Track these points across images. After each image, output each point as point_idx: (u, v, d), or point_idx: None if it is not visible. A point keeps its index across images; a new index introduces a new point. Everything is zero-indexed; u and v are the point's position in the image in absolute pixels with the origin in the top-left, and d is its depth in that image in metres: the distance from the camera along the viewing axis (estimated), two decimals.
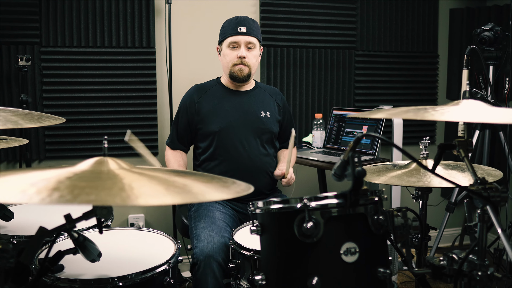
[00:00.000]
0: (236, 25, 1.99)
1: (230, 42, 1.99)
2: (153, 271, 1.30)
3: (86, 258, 1.20)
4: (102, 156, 0.96)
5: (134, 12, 2.63)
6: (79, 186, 0.72)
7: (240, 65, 2.00)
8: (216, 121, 2.00)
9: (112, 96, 2.66)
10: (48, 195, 0.66)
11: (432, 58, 3.22)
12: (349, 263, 0.99)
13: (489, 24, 2.34)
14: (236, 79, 2.03)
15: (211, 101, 2.06)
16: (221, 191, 0.87)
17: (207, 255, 1.59)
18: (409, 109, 1.07)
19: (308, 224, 0.97)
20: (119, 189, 0.77)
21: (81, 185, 0.72)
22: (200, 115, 2.04)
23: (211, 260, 1.59)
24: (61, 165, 1.22)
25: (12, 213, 1.58)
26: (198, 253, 1.62)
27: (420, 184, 1.40)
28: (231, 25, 2.02)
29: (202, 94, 2.08)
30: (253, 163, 1.98)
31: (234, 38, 1.98)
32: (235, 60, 1.99)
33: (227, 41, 2.01)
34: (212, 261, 1.59)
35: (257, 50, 2.06)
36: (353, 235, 1.00)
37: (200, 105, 2.05)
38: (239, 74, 2.00)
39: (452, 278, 1.03)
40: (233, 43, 1.99)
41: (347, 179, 1.00)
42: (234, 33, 1.98)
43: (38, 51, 2.52)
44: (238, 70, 2.00)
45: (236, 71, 2.00)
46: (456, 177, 1.46)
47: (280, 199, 1.07)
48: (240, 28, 1.98)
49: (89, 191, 0.70)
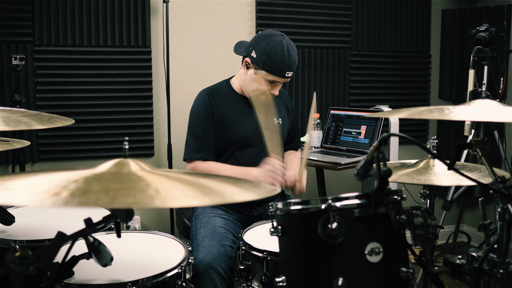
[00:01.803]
0: (286, 68, 1.82)
1: (272, 79, 1.85)
2: (165, 274, 1.28)
3: (98, 262, 1.17)
4: (123, 158, 0.93)
5: (130, 11, 2.59)
6: (112, 188, 0.70)
7: (265, 96, 1.88)
8: (235, 131, 1.91)
9: (107, 97, 2.62)
10: (84, 198, 0.64)
11: (425, 58, 3.26)
12: (374, 263, 0.98)
13: (484, 25, 2.38)
14: (253, 102, 1.90)
15: (228, 109, 1.94)
16: (250, 191, 0.86)
17: (206, 266, 1.56)
18: (430, 109, 1.07)
19: (333, 225, 0.96)
20: (154, 191, 0.75)
21: (114, 187, 0.70)
22: (218, 122, 1.92)
23: (211, 271, 1.56)
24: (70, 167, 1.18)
25: (13, 217, 1.53)
26: (198, 264, 1.59)
27: (431, 183, 1.41)
28: (281, 64, 1.82)
29: (218, 101, 1.94)
30: None
31: (276, 79, 1.84)
32: (266, 92, 1.87)
33: (268, 76, 1.84)
34: (212, 272, 1.56)
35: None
36: (377, 235, 1.00)
37: (217, 112, 1.92)
38: (260, 102, 1.88)
39: (472, 276, 1.04)
40: (272, 81, 1.86)
41: (371, 179, 1.00)
42: (280, 76, 1.83)
43: (31, 50, 2.46)
44: (261, 100, 1.88)
45: (257, 98, 1.88)
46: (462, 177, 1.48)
47: (299, 200, 1.06)
48: (287, 73, 1.84)
49: (125, 193, 0.67)
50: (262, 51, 1.83)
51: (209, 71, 2.75)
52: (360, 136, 2.53)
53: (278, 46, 1.82)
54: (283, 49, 1.81)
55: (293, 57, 1.85)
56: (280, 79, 1.85)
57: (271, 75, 1.83)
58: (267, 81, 1.85)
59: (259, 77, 1.84)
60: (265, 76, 1.84)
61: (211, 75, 2.25)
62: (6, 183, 0.75)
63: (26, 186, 0.73)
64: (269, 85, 1.86)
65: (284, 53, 1.81)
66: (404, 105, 3.13)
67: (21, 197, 0.68)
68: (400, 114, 1.11)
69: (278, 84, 1.88)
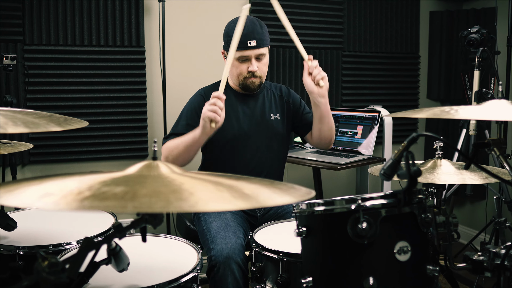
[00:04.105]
0: (245, 38, 1.77)
1: (239, 56, 1.82)
2: (182, 278, 1.25)
3: (116, 267, 1.13)
4: (152, 160, 0.90)
5: (123, 10, 2.54)
6: (162, 191, 0.67)
7: (251, 78, 1.86)
8: (230, 129, 1.89)
9: (100, 97, 2.56)
10: (137, 202, 0.61)
11: (414, 59, 3.33)
12: (403, 261, 0.99)
13: (475, 27, 2.44)
14: (248, 90, 1.91)
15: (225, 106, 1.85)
16: (286, 194, 0.85)
17: (226, 256, 1.55)
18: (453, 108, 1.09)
19: (363, 225, 0.97)
20: (189, 194, 0.73)
21: (163, 190, 0.68)
22: None
23: (230, 261, 1.55)
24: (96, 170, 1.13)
25: (15, 222, 1.48)
26: (216, 255, 1.57)
27: (440, 181, 1.43)
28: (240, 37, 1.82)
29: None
30: (261, 172, 1.93)
31: (243, 53, 1.80)
32: (245, 73, 1.86)
33: (236, 54, 1.79)
34: (231, 262, 1.55)
35: (267, 57, 1.91)
36: (404, 233, 1.01)
37: None
38: (251, 86, 1.88)
39: (494, 272, 1.06)
40: (242, 57, 1.83)
41: (400, 178, 1.01)
42: (243, 48, 1.78)
43: (21, 49, 2.38)
44: (250, 83, 1.87)
45: (248, 84, 1.88)
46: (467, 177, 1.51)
47: (323, 200, 1.06)
48: (249, 42, 1.79)
49: (177, 197, 0.65)
50: (224, 34, 1.87)
51: (206, 71, 2.72)
52: (356, 136, 2.55)
53: (233, 23, 1.77)
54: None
55: (250, 27, 1.80)
56: (247, 51, 1.80)
57: (237, 52, 1.75)
58: (239, 61, 1.83)
59: (231, 60, 1.75)
60: (235, 57, 1.79)
61: (208, 75, 2.22)
62: (43, 187, 0.72)
63: (67, 190, 0.70)
64: (243, 64, 1.84)
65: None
66: (395, 105, 3.19)
67: (68, 203, 0.65)
68: (420, 114, 1.12)
69: (253, 59, 1.83)
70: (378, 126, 2.49)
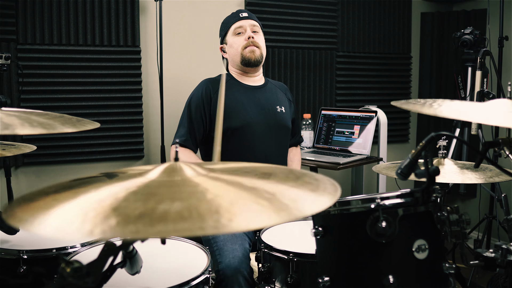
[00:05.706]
0: (237, 12, 1.98)
1: (235, 28, 1.95)
2: (194, 281, 1.24)
3: (130, 270, 1.12)
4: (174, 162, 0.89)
5: (119, 10, 2.51)
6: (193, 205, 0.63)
7: (251, 46, 1.92)
8: (237, 117, 1.88)
9: (95, 97, 2.52)
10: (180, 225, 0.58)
11: (406, 60, 3.37)
12: (421, 259, 1.00)
13: (468, 28, 2.48)
14: (249, 63, 1.92)
15: (228, 95, 1.90)
16: (323, 197, 0.79)
17: (234, 270, 1.53)
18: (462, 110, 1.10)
19: (383, 224, 0.97)
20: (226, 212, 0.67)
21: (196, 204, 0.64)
22: None
23: (238, 275, 1.53)
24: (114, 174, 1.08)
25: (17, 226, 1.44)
26: (224, 269, 1.55)
27: (445, 181, 1.45)
28: (232, 15, 2.00)
29: (219, 87, 1.91)
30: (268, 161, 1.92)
31: (238, 23, 1.94)
32: (244, 42, 1.92)
33: (231, 29, 1.96)
34: (239, 276, 1.53)
35: (262, 34, 2.01)
36: (422, 232, 1.02)
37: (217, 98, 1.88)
38: (252, 56, 1.91)
39: (507, 268, 1.08)
40: (238, 29, 1.95)
41: (418, 178, 1.02)
42: (237, 19, 1.95)
43: (14, 48, 2.32)
44: (250, 52, 1.91)
45: (248, 54, 1.91)
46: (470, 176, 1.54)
47: (339, 200, 1.06)
48: (241, 13, 1.97)
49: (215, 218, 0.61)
50: (221, 28, 2.05)
51: (203, 70, 2.70)
52: (353, 136, 2.57)
53: (229, 17, 2.01)
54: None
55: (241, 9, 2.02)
56: (241, 21, 1.95)
57: (231, 26, 1.96)
58: (236, 34, 1.95)
59: (230, 40, 1.97)
60: (232, 33, 1.96)
61: (206, 75, 2.20)
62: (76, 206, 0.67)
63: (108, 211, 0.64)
64: (240, 36, 1.95)
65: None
66: (388, 104, 3.22)
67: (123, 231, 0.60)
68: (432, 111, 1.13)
69: (247, 28, 1.95)
70: (375, 126, 2.52)
